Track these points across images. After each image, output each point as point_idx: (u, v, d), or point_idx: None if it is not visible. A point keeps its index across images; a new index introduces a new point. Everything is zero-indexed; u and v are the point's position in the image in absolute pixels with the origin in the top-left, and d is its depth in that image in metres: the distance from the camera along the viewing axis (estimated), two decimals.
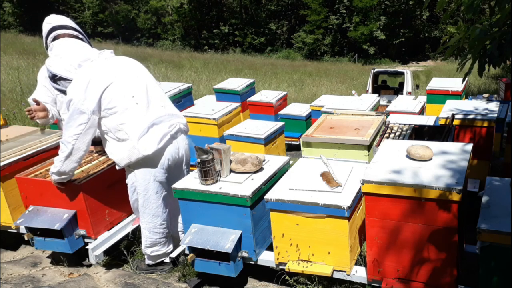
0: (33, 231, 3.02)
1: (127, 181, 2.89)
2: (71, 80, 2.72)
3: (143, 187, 2.82)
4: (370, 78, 11.96)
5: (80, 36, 2.98)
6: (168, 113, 2.87)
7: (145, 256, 3.04)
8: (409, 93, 11.20)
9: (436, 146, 2.64)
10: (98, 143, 3.24)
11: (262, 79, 17.71)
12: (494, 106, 4.01)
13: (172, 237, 3.09)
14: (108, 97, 2.66)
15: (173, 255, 2.96)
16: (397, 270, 2.37)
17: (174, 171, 2.93)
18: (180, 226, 3.13)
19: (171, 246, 3.06)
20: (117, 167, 2.83)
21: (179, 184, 2.75)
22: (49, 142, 3.44)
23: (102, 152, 3.34)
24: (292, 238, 2.56)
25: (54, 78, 2.77)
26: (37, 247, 3.10)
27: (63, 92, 2.80)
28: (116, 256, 3.20)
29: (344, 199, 2.43)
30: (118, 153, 2.75)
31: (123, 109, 2.69)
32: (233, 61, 25.13)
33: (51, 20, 3.07)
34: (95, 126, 2.70)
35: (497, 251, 2.05)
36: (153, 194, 2.84)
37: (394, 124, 3.84)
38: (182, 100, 5.07)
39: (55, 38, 2.96)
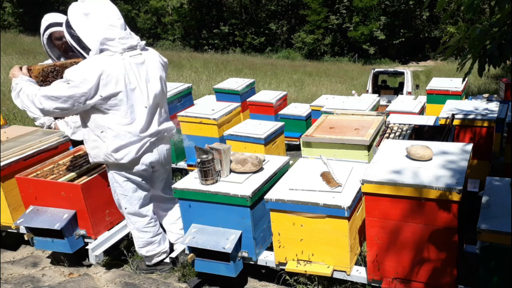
0: (33, 231, 3.02)
1: (109, 179, 2.85)
2: (85, 45, 2.57)
3: (122, 188, 2.79)
4: (370, 78, 11.97)
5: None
6: (160, 129, 2.79)
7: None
8: (409, 93, 11.21)
9: (436, 146, 2.63)
10: None
11: (262, 79, 17.70)
12: (494, 106, 4.01)
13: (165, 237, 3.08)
14: (112, 103, 2.57)
15: (173, 255, 2.96)
16: (397, 270, 2.37)
17: (153, 174, 2.90)
18: (169, 226, 3.12)
19: (166, 244, 3.05)
20: (90, 160, 2.78)
21: (179, 184, 2.75)
22: (49, 142, 3.43)
23: None
24: (292, 238, 2.56)
25: (70, 30, 2.58)
26: (37, 247, 3.10)
27: (72, 50, 2.66)
28: (116, 256, 3.20)
29: (344, 199, 2.43)
30: (94, 150, 2.69)
31: (119, 119, 2.60)
32: (233, 61, 25.12)
33: (49, 18, 3.07)
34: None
35: (497, 251, 2.05)
36: (133, 194, 2.81)
37: (394, 124, 3.84)
38: (182, 100, 5.05)
39: (50, 36, 2.94)
